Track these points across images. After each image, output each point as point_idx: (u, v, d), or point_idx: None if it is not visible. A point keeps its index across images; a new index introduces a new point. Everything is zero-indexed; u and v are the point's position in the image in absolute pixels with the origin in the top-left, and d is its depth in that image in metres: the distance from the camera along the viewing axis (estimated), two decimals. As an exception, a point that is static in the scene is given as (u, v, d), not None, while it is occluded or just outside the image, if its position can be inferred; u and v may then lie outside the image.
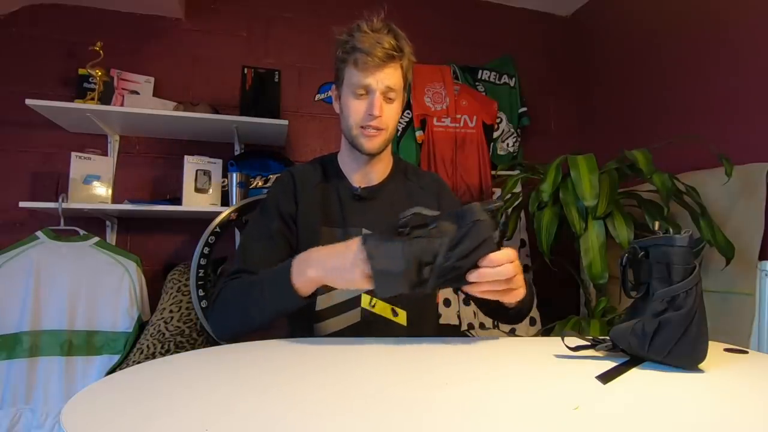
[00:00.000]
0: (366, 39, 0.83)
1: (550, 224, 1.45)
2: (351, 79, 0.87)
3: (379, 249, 0.59)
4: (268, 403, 0.46)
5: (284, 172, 0.99)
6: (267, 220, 0.91)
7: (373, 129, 0.88)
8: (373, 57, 0.83)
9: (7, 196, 1.66)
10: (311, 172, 0.98)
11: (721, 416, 0.44)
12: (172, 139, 1.85)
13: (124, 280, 1.56)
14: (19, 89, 1.67)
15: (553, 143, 2.30)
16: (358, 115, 0.88)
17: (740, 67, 1.55)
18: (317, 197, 0.94)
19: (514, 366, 0.62)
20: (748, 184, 1.42)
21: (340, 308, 0.90)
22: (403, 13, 2.16)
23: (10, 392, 1.41)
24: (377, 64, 0.84)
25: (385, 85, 0.86)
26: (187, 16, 1.93)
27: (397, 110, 0.91)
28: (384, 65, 0.84)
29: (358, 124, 0.88)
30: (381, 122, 0.88)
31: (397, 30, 0.87)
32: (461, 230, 0.60)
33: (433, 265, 0.59)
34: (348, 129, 0.90)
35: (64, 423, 0.39)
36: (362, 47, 0.83)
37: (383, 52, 0.83)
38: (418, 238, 0.60)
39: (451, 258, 0.59)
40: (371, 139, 0.89)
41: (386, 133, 0.90)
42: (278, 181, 0.98)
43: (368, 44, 0.83)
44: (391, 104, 0.89)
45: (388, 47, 0.84)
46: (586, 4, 2.32)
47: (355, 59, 0.84)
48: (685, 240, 0.58)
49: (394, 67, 0.86)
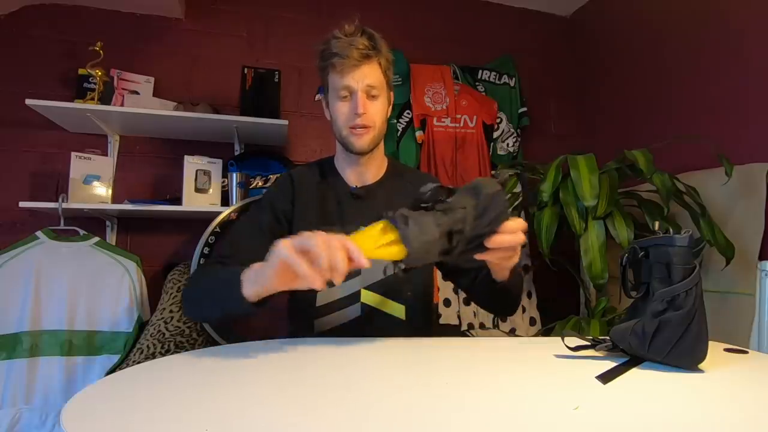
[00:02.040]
0: (340, 43, 0.87)
1: (550, 224, 1.45)
2: (333, 83, 0.91)
3: (410, 220, 0.62)
4: (268, 403, 0.46)
5: (284, 174, 1.03)
6: (259, 215, 0.95)
7: (360, 128, 0.90)
8: (350, 58, 0.86)
9: (7, 196, 1.66)
10: (309, 173, 1.00)
11: (721, 416, 0.44)
12: (172, 139, 1.85)
13: (124, 280, 1.56)
14: (19, 89, 1.67)
15: (553, 143, 2.30)
16: (344, 117, 0.91)
17: (740, 67, 1.55)
18: (315, 197, 0.97)
19: (514, 366, 0.62)
20: (748, 184, 1.42)
21: (340, 303, 0.91)
22: (404, 14, 2.18)
23: (10, 392, 1.41)
24: (354, 64, 0.87)
25: (365, 83, 0.89)
26: (187, 16, 1.93)
27: (382, 107, 0.93)
28: (361, 64, 0.88)
29: (346, 125, 0.91)
30: (367, 119, 0.90)
31: (370, 31, 0.90)
32: (481, 202, 0.64)
33: (461, 234, 0.63)
34: (338, 132, 0.93)
35: (64, 423, 0.39)
36: (338, 51, 0.87)
37: (358, 52, 0.86)
38: (443, 211, 0.64)
39: (477, 227, 0.64)
40: (360, 138, 0.91)
41: (374, 130, 0.92)
42: (277, 182, 1.01)
43: (343, 48, 0.86)
44: (375, 101, 0.91)
45: (362, 47, 0.87)
46: (586, 4, 2.32)
47: (333, 64, 0.88)
48: (685, 240, 0.58)
49: (371, 66, 0.89)
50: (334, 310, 0.91)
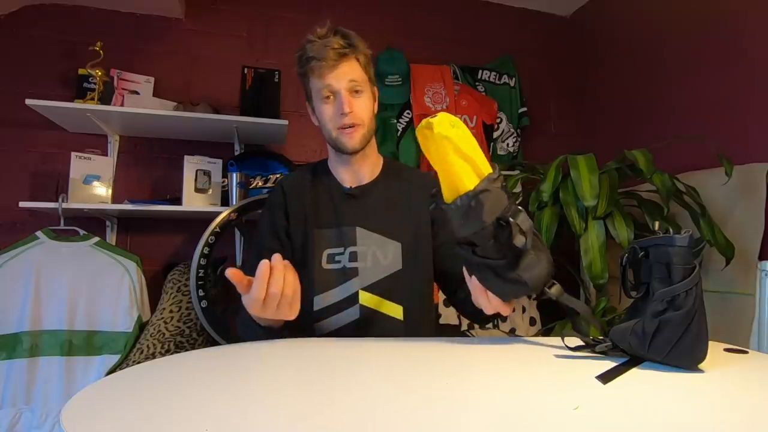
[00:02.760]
0: (315, 46, 0.87)
1: (550, 224, 1.45)
2: (314, 86, 0.91)
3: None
4: (268, 403, 0.46)
5: (275, 186, 1.04)
6: (262, 240, 0.97)
7: (348, 127, 0.90)
8: (327, 59, 0.86)
9: (7, 196, 1.66)
10: (301, 179, 1.00)
11: (721, 416, 0.44)
12: (172, 139, 1.85)
13: (124, 280, 1.56)
14: (19, 89, 1.67)
15: (553, 143, 2.30)
16: (331, 118, 0.91)
17: (740, 67, 1.55)
18: (308, 201, 0.97)
19: (514, 366, 0.62)
20: (748, 184, 1.42)
21: (339, 306, 0.91)
22: (404, 14, 2.18)
23: (10, 392, 1.41)
24: (332, 64, 0.87)
25: (346, 80, 0.89)
26: (187, 16, 1.92)
27: (367, 102, 0.93)
28: (338, 63, 0.88)
29: (335, 126, 0.91)
30: (354, 117, 0.90)
31: (344, 30, 0.90)
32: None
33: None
34: (328, 134, 0.93)
35: (64, 423, 0.39)
36: (314, 55, 0.87)
37: (334, 52, 0.87)
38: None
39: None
40: (350, 137, 0.91)
41: (363, 127, 0.92)
42: (269, 198, 1.02)
43: (319, 50, 0.87)
44: (360, 97, 0.91)
45: (337, 47, 0.87)
46: (586, 4, 2.32)
47: (312, 68, 0.88)
48: (685, 240, 0.58)
49: (349, 64, 0.89)
50: (332, 314, 0.91)
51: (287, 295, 0.67)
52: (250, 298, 0.66)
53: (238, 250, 1.86)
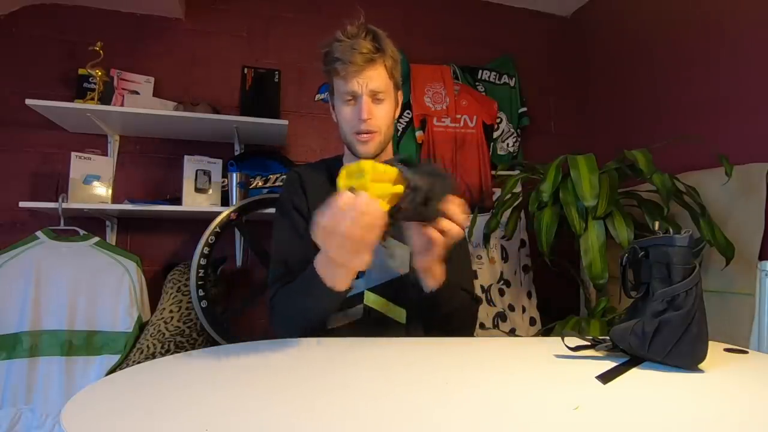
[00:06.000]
0: (343, 47, 0.84)
1: (550, 224, 1.45)
2: (338, 87, 0.89)
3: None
4: (268, 403, 0.46)
5: (290, 172, 1.01)
6: (291, 221, 0.93)
7: (365, 134, 0.89)
8: (353, 63, 0.84)
9: (7, 196, 1.66)
10: (317, 172, 0.99)
11: (721, 416, 0.44)
12: (172, 139, 1.85)
13: (124, 280, 1.56)
14: (19, 89, 1.67)
15: (553, 143, 2.30)
16: (349, 122, 0.89)
17: (740, 67, 1.55)
18: (324, 196, 0.95)
19: (514, 366, 0.62)
20: (748, 184, 1.42)
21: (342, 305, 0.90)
22: (404, 13, 2.18)
23: (10, 392, 1.41)
24: (357, 69, 0.84)
25: (369, 88, 0.86)
26: (187, 16, 1.92)
27: (388, 110, 0.91)
28: (364, 69, 0.85)
29: (351, 130, 0.90)
30: (372, 125, 0.88)
31: (376, 31, 0.88)
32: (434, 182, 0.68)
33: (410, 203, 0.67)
34: (344, 135, 0.92)
35: (64, 423, 0.39)
36: (340, 56, 0.84)
37: (361, 56, 0.84)
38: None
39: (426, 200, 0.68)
40: (366, 144, 0.90)
41: (380, 135, 0.90)
42: (287, 182, 0.99)
43: (345, 51, 0.84)
44: (381, 104, 0.89)
45: (365, 51, 0.84)
46: (586, 4, 2.32)
47: (336, 69, 0.86)
48: (685, 240, 0.58)
49: (375, 69, 0.87)
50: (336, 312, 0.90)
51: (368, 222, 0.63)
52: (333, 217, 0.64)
53: (238, 250, 1.86)
